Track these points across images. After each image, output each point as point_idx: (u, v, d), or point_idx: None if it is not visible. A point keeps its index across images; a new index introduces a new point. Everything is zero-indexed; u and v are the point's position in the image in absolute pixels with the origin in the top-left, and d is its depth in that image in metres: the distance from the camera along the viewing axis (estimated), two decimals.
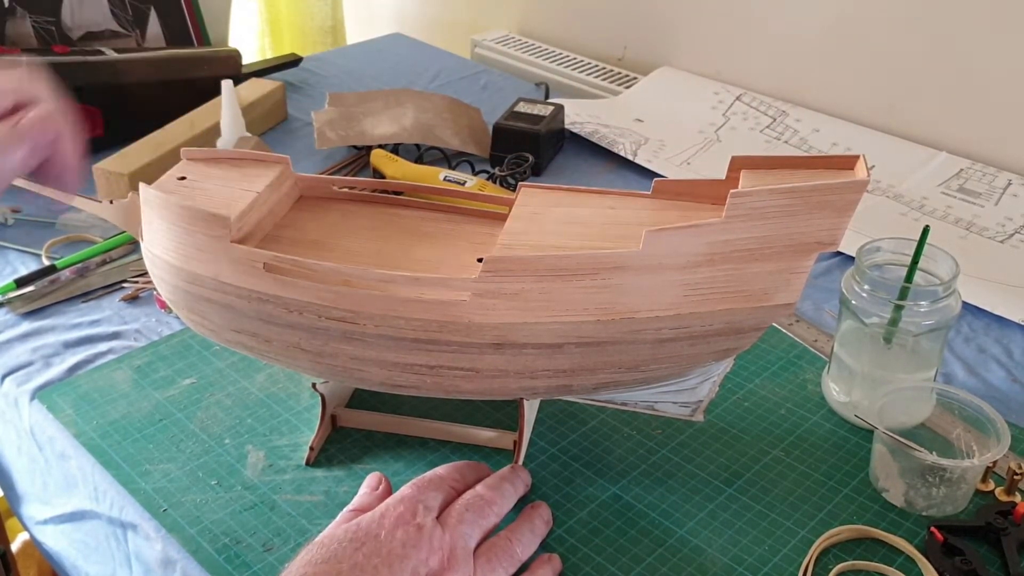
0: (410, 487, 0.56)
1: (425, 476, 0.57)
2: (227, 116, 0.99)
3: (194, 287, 0.59)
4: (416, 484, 0.56)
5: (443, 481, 0.57)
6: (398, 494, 0.55)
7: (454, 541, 0.53)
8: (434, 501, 0.55)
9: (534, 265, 0.53)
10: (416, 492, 0.55)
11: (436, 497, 0.55)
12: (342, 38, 1.77)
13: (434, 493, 0.55)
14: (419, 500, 0.54)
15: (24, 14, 1.18)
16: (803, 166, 0.57)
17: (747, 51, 1.27)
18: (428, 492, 0.55)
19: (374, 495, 0.58)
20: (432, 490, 0.56)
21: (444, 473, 0.58)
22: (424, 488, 0.56)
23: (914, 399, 0.66)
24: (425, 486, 0.56)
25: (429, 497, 0.55)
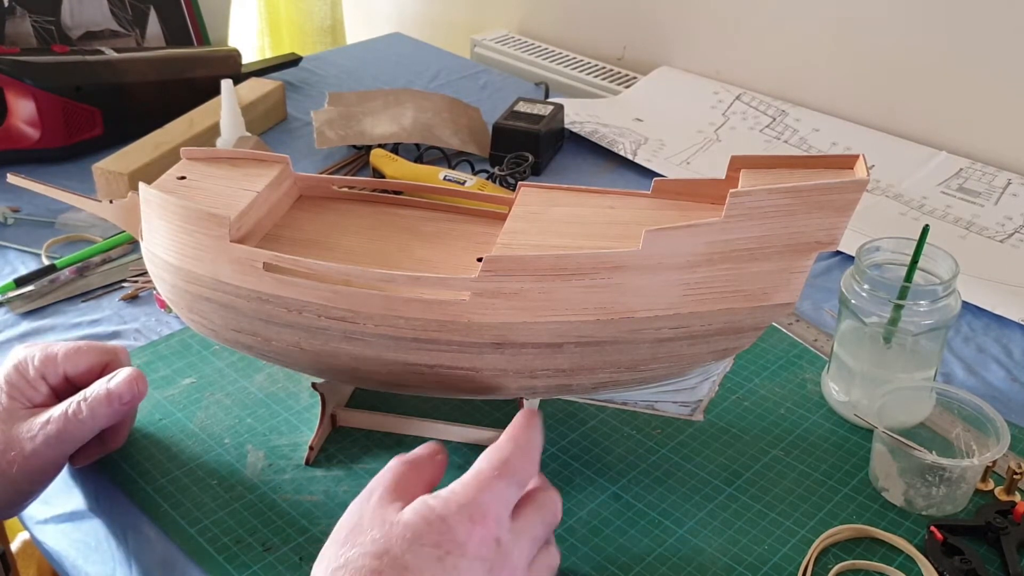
0: (492, 478, 0.47)
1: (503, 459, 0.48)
2: (227, 116, 0.99)
3: (194, 286, 0.59)
4: (497, 474, 0.47)
5: (515, 470, 0.48)
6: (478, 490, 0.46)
7: (521, 554, 0.47)
8: (512, 500, 0.48)
9: (534, 265, 0.53)
10: (499, 493, 0.47)
11: (515, 495, 0.48)
12: (342, 38, 1.77)
13: (513, 491, 0.48)
14: (501, 504, 0.47)
15: (24, 14, 1.18)
16: (802, 165, 0.57)
17: (747, 51, 1.27)
18: (508, 491, 0.47)
19: (435, 461, 0.51)
20: (513, 487, 0.48)
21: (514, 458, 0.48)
22: (505, 486, 0.47)
23: (914, 399, 0.66)
24: (508, 480, 0.47)
25: (509, 497, 0.47)
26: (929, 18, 1.09)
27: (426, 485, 0.49)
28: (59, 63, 1.05)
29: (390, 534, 0.44)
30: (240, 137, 0.99)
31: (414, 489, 0.48)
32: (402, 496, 0.47)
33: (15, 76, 1.02)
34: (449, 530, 0.44)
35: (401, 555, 0.43)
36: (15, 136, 1.04)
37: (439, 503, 0.45)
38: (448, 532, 0.44)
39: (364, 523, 0.46)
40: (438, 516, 0.45)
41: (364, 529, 0.45)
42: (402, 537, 0.44)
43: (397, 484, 0.48)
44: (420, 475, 0.49)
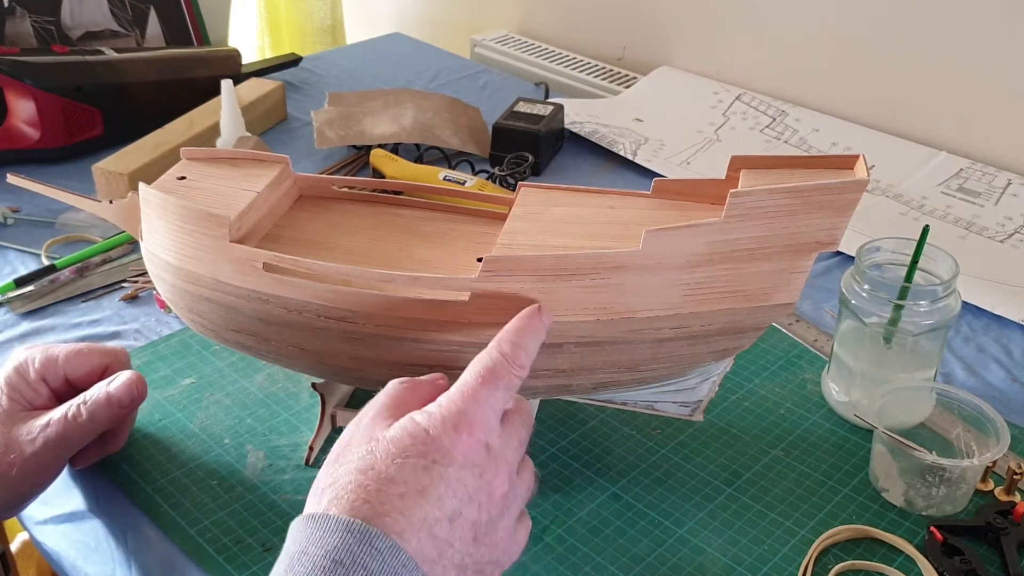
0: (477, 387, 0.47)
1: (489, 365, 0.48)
2: (226, 116, 0.99)
3: (193, 287, 0.59)
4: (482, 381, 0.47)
5: (501, 376, 0.48)
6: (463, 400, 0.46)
7: (511, 456, 0.47)
8: (500, 406, 0.47)
9: (534, 265, 0.53)
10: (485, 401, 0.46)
11: (502, 401, 0.48)
12: (342, 38, 1.77)
13: (500, 396, 0.47)
14: (488, 411, 0.46)
15: (24, 14, 1.18)
16: (803, 166, 0.57)
17: (747, 51, 1.27)
18: (494, 397, 0.47)
19: (436, 385, 0.50)
20: (499, 392, 0.47)
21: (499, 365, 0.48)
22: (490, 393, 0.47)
23: (914, 399, 0.66)
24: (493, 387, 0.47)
25: (496, 404, 0.47)
26: (929, 18, 1.09)
27: (422, 404, 0.48)
28: (59, 63, 1.05)
29: (375, 449, 0.44)
30: (240, 137, 0.99)
31: (408, 409, 0.47)
32: (394, 415, 0.47)
33: (15, 76, 1.02)
34: (434, 442, 0.44)
35: (386, 469, 0.43)
36: (15, 136, 1.04)
37: (424, 417, 0.46)
38: (433, 443, 0.44)
39: (353, 442, 0.46)
40: (422, 429, 0.45)
41: (352, 448, 0.46)
42: (387, 452, 0.44)
43: (391, 404, 0.48)
44: (416, 396, 0.49)
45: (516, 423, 0.49)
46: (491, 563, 0.47)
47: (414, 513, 0.43)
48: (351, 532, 0.41)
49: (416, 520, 0.43)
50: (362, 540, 0.41)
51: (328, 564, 0.41)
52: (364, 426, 0.47)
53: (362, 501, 0.42)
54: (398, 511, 0.42)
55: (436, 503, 0.43)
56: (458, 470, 0.44)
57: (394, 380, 0.50)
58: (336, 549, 0.41)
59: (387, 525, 0.42)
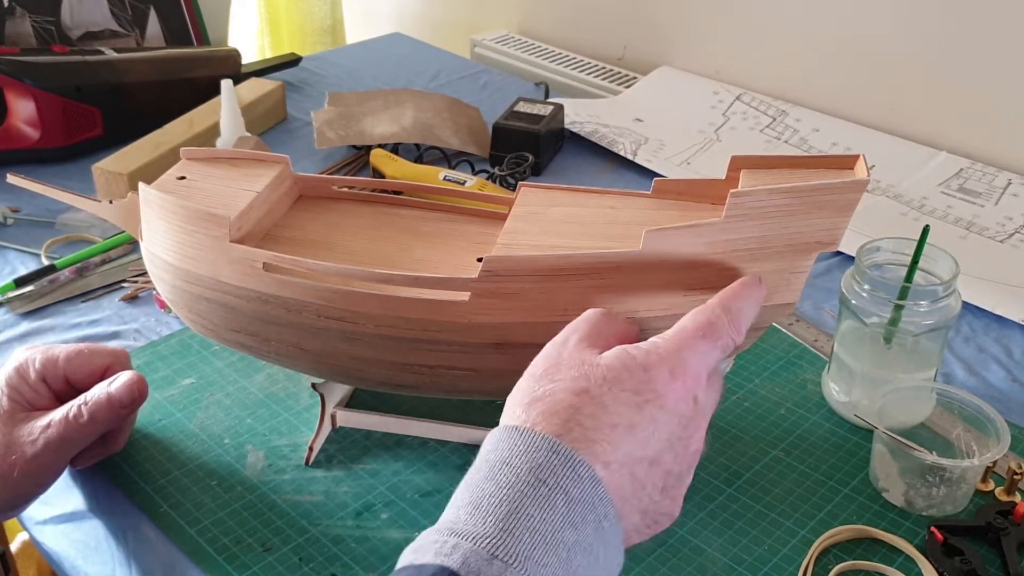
0: (696, 337, 0.46)
1: (709, 319, 0.46)
2: (226, 116, 0.99)
3: (193, 287, 0.59)
4: (702, 334, 0.46)
5: (720, 334, 0.47)
6: (680, 346, 0.45)
7: (711, 412, 0.47)
8: (712, 363, 0.46)
9: (534, 265, 0.53)
10: (702, 353, 0.45)
11: (716, 359, 0.47)
12: (341, 38, 1.77)
13: (716, 354, 0.46)
14: (702, 363, 0.45)
15: (24, 14, 1.18)
16: (803, 166, 0.57)
17: (747, 51, 1.27)
18: (710, 352, 0.46)
19: (630, 324, 0.50)
20: (716, 351, 0.46)
21: (720, 322, 0.47)
22: (708, 347, 0.46)
23: (914, 399, 0.66)
24: (712, 341, 0.46)
25: (710, 359, 0.46)
26: (929, 18, 1.09)
27: (620, 339, 0.48)
28: (59, 63, 1.05)
29: (590, 374, 0.43)
30: (240, 137, 0.99)
31: (609, 340, 0.47)
32: (598, 344, 0.46)
33: (15, 76, 1.02)
34: (649, 380, 0.43)
35: (600, 395, 0.42)
36: (15, 136, 1.04)
37: (640, 352, 0.44)
38: (649, 382, 0.43)
39: (563, 362, 0.45)
40: (639, 364, 0.44)
41: (562, 367, 0.44)
42: (603, 378, 0.43)
43: (593, 331, 0.47)
44: (616, 328, 0.48)
45: (717, 386, 0.47)
46: (666, 515, 0.46)
47: (621, 447, 0.42)
48: (557, 454, 0.40)
49: (622, 455, 0.42)
50: (567, 464, 0.40)
51: (532, 480, 0.40)
52: (572, 347, 0.46)
53: (575, 423, 0.41)
54: (608, 441, 0.41)
55: (643, 443, 0.42)
56: (667, 415, 0.43)
57: (592, 309, 0.49)
58: (540, 467, 0.40)
59: (596, 453, 0.41)
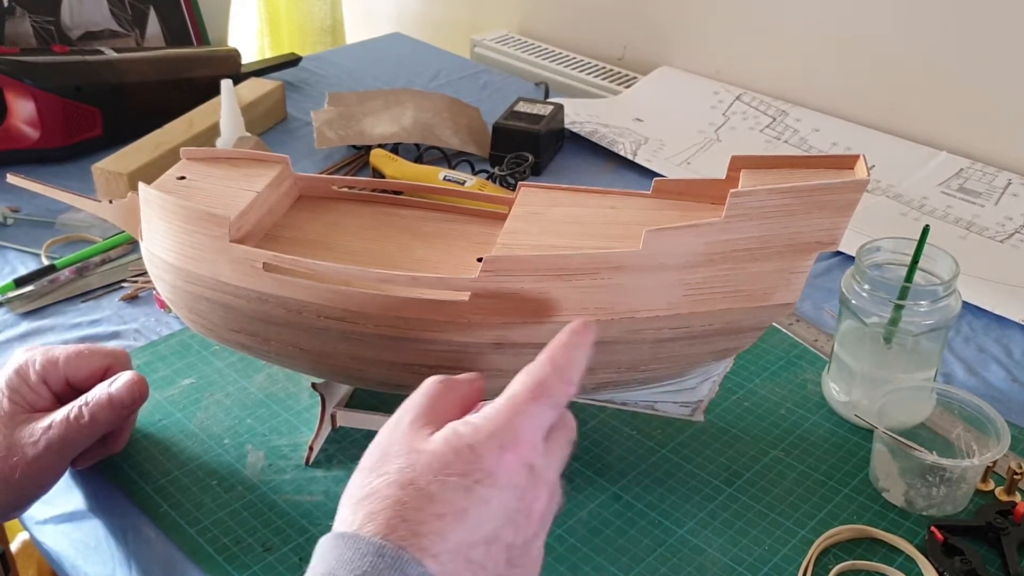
0: (527, 401, 0.44)
1: (539, 379, 0.45)
2: (226, 116, 0.99)
3: (193, 287, 0.59)
4: (532, 396, 0.44)
5: (552, 392, 0.45)
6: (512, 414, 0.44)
7: (552, 475, 0.45)
8: (547, 423, 0.45)
9: (534, 265, 0.53)
10: (534, 417, 0.44)
11: (550, 418, 0.45)
12: (341, 38, 1.77)
13: (549, 413, 0.45)
14: (536, 428, 0.44)
15: (24, 14, 1.18)
16: (803, 166, 0.57)
17: (747, 51, 1.27)
18: (543, 414, 0.44)
19: (473, 386, 0.48)
20: (548, 409, 0.45)
21: (551, 379, 0.45)
22: (540, 409, 0.44)
23: (914, 399, 0.66)
24: (543, 403, 0.44)
25: (544, 421, 0.44)
26: (929, 18, 1.09)
27: (461, 409, 0.46)
28: (59, 63, 1.05)
29: (416, 463, 0.42)
30: (240, 137, 0.99)
31: (448, 413, 0.46)
32: (434, 420, 0.45)
33: (15, 76, 1.02)
34: (478, 459, 0.42)
35: (427, 485, 0.41)
36: (15, 136, 1.04)
37: (469, 430, 0.43)
38: (477, 461, 0.42)
39: (392, 450, 0.43)
40: (467, 445, 0.42)
41: (391, 457, 0.43)
42: (429, 467, 0.42)
43: (430, 407, 0.46)
44: (455, 398, 0.47)
45: (561, 440, 0.46)
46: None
47: (451, 536, 0.41)
48: (383, 557, 0.39)
49: (453, 544, 0.41)
50: (393, 566, 0.39)
51: None
52: (403, 432, 0.44)
53: (400, 520, 0.40)
54: (436, 533, 0.40)
55: (476, 526, 0.41)
56: (500, 491, 0.42)
57: (431, 379, 0.47)
58: (365, 574, 0.39)
59: (424, 548, 0.40)
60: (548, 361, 0.46)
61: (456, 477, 0.41)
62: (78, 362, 0.61)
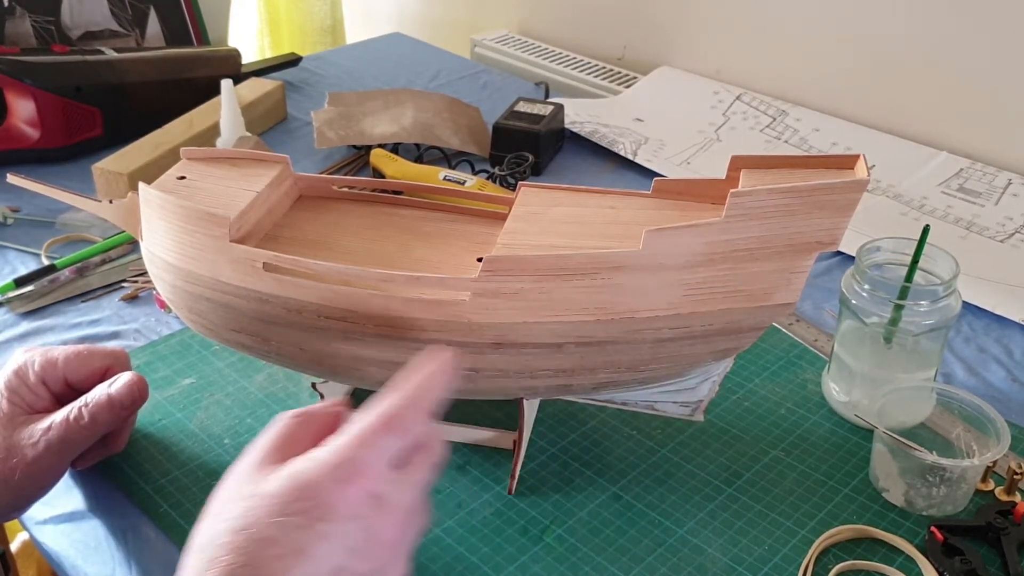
0: (373, 433, 0.43)
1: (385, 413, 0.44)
2: (226, 115, 0.99)
3: (193, 286, 0.59)
4: (381, 428, 0.43)
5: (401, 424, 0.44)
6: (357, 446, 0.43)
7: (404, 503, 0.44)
8: (393, 451, 0.44)
9: (534, 265, 0.53)
10: (379, 448, 0.43)
11: (398, 446, 0.44)
12: (341, 38, 1.77)
13: (395, 443, 0.44)
14: (380, 459, 0.43)
15: (24, 14, 1.18)
16: (803, 166, 0.57)
17: (747, 51, 1.27)
18: (389, 444, 0.44)
19: (331, 414, 0.47)
20: (395, 440, 0.44)
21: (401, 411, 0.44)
22: (387, 441, 0.44)
23: (914, 399, 0.66)
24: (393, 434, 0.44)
25: (390, 451, 0.44)
26: (929, 18, 1.09)
27: (313, 441, 0.45)
28: (59, 63, 1.05)
29: (257, 507, 0.42)
30: (240, 137, 0.99)
31: (296, 448, 0.45)
32: (284, 457, 0.44)
33: (15, 76, 1.02)
34: (317, 495, 0.42)
35: (266, 528, 0.41)
36: (15, 136, 1.04)
37: (310, 465, 0.43)
38: (316, 497, 0.41)
39: (235, 494, 0.43)
40: (305, 481, 0.42)
41: (233, 501, 0.43)
42: (268, 510, 0.41)
43: (277, 446, 0.45)
44: (307, 432, 0.46)
45: (420, 464, 0.45)
46: None
47: (292, 574, 0.40)
48: None
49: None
50: None
51: None
52: (246, 476, 0.44)
53: (239, 565, 0.40)
54: (275, 573, 0.40)
55: (315, 562, 0.41)
56: (342, 525, 0.42)
57: (282, 415, 0.47)
58: None
59: None
60: (400, 391, 0.45)
61: (295, 516, 0.41)
62: (77, 363, 0.61)
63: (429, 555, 0.58)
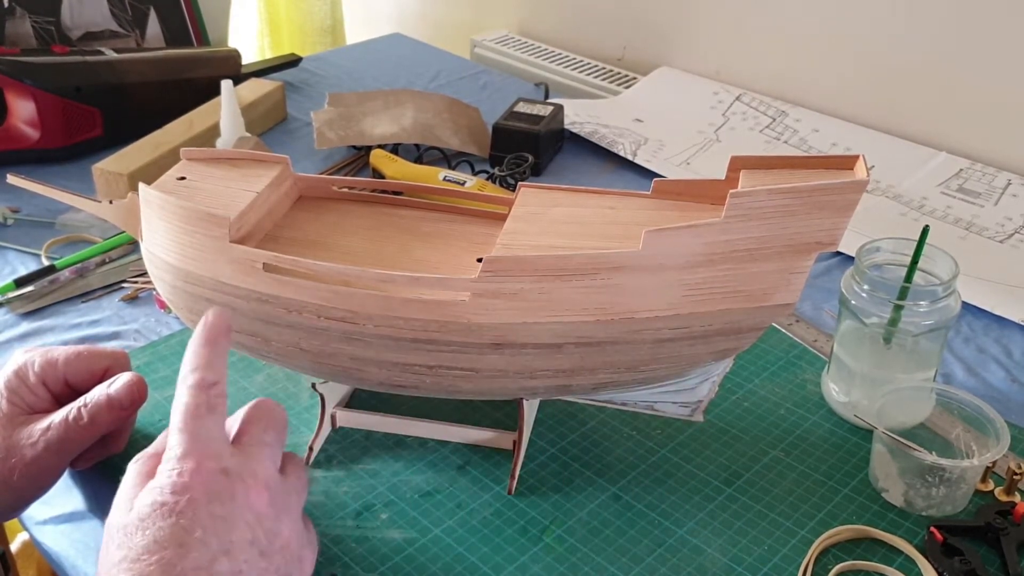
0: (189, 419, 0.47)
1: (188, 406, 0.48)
2: (226, 116, 0.99)
3: (193, 287, 0.59)
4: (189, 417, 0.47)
5: (209, 404, 0.48)
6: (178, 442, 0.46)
7: (261, 468, 0.47)
8: (218, 430, 0.48)
9: (534, 265, 0.53)
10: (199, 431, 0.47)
11: (218, 425, 0.48)
12: (341, 38, 1.77)
13: (212, 421, 0.48)
14: (208, 438, 0.47)
15: (24, 14, 1.18)
16: (803, 166, 0.57)
17: (747, 51, 1.27)
18: (208, 424, 0.47)
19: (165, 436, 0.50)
20: (208, 419, 0.47)
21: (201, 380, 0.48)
22: (201, 422, 0.47)
23: (914, 399, 0.66)
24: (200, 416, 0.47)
25: (213, 429, 0.47)
26: (929, 18, 1.09)
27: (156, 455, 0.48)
28: (59, 63, 1.05)
29: (128, 534, 0.44)
30: (240, 137, 0.99)
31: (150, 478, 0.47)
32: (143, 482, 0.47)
33: (15, 76, 1.02)
34: (173, 494, 0.44)
35: (139, 545, 0.43)
36: (15, 136, 1.04)
37: (156, 479, 0.46)
38: (170, 495, 0.44)
39: (111, 543, 0.45)
40: (156, 488, 0.45)
41: (112, 549, 0.45)
42: (136, 529, 0.44)
43: (138, 481, 0.48)
44: (149, 468, 0.48)
45: (255, 432, 0.49)
46: (294, 561, 0.47)
47: (182, 566, 0.42)
48: None
49: (189, 571, 0.43)
50: None
51: None
52: (114, 524, 0.46)
53: None
54: (164, 570, 0.42)
55: (201, 547, 0.43)
56: (205, 507, 0.44)
57: (130, 463, 0.50)
58: None
59: None
60: (182, 384, 0.48)
61: (160, 520, 0.44)
62: (77, 363, 0.61)
63: (429, 555, 0.58)
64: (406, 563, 0.57)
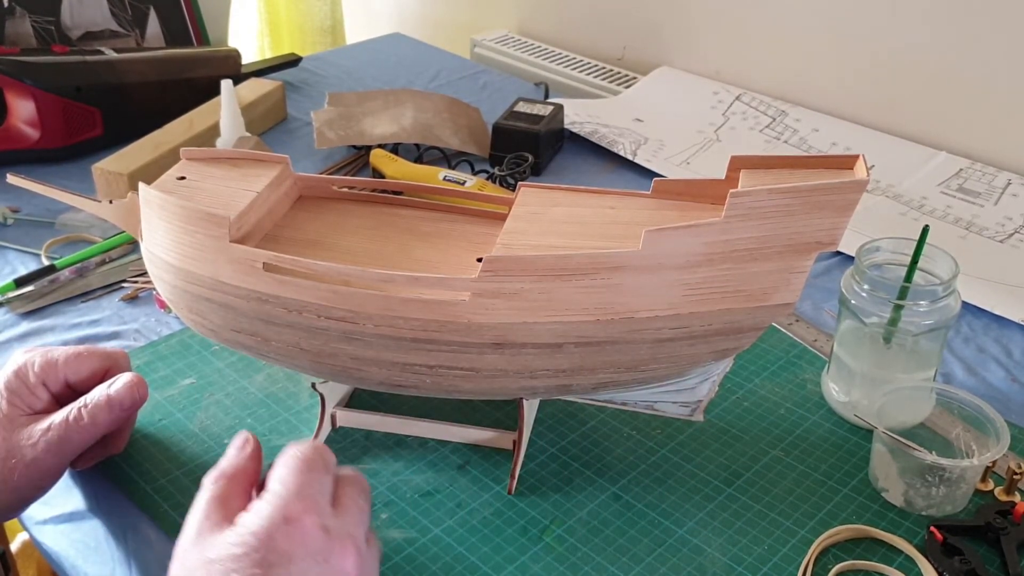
0: (297, 473, 0.47)
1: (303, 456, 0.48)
2: (226, 116, 0.99)
3: (193, 287, 0.59)
4: (301, 468, 0.47)
5: (314, 459, 0.48)
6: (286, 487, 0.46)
7: (356, 532, 0.47)
8: (326, 487, 0.48)
9: (534, 265, 0.53)
10: (310, 484, 0.47)
11: (327, 481, 0.48)
12: (341, 38, 1.77)
13: (321, 476, 0.48)
14: (315, 494, 0.47)
15: (24, 14, 1.18)
16: (802, 166, 0.57)
17: (746, 51, 1.27)
18: (317, 479, 0.47)
19: (243, 456, 0.51)
20: (319, 473, 0.48)
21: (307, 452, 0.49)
22: (312, 476, 0.47)
23: (913, 399, 0.66)
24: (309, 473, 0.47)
25: (321, 486, 0.48)
26: (929, 18, 1.09)
27: (247, 492, 0.49)
28: (59, 63, 1.05)
29: (212, 572, 0.43)
30: (240, 137, 0.99)
31: (237, 502, 0.47)
32: (226, 516, 0.46)
33: (15, 76, 1.02)
34: (266, 543, 0.44)
35: None
36: (15, 136, 1.04)
37: (252, 518, 0.45)
38: (266, 546, 0.44)
39: (195, 561, 0.45)
40: (253, 533, 0.44)
41: (196, 568, 0.44)
42: (232, 567, 0.43)
43: (217, 505, 0.47)
44: (239, 485, 0.49)
45: (352, 495, 0.49)
46: None
47: None
48: None
49: None
50: None
51: None
52: (196, 544, 0.46)
53: None
54: None
55: None
56: (300, 564, 0.44)
57: (208, 477, 0.49)
58: None
59: None
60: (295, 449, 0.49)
61: (254, 569, 0.43)
62: (77, 363, 0.61)
63: (429, 555, 0.58)
64: (406, 563, 0.57)
